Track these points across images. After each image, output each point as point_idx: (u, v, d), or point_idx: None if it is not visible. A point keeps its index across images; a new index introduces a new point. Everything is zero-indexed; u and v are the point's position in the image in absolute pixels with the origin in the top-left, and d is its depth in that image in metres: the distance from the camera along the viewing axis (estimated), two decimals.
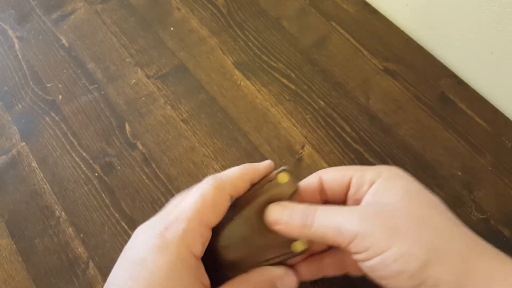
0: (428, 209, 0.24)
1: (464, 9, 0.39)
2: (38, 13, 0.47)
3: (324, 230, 0.24)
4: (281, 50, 0.44)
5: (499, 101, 0.41)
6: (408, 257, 0.22)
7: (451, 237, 0.22)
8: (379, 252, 0.22)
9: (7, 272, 0.33)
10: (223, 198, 0.25)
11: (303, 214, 0.25)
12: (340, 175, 0.27)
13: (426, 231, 0.22)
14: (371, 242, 0.22)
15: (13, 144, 0.39)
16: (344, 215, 0.24)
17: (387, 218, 0.23)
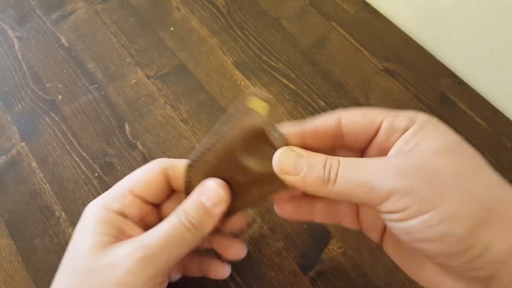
0: (476, 166, 0.20)
1: (464, 9, 0.39)
2: (38, 13, 0.47)
3: (351, 186, 0.20)
4: (281, 50, 0.44)
5: (499, 101, 0.41)
6: (458, 218, 0.19)
7: (501, 197, 0.19)
8: (422, 212, 0.19)
9: (7, 272, 0.33)
10: (154, 170, 0.27)
11: (325, 166, 0.21)
12: (368, 118, 0.22)
13: (476, 188, 0.19)
14: (412, 200, 0.19)
15: (13, 144, 0.39)
16: (376, 168, 0.20)
17: (431, 172, 0.19)
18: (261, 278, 0.32)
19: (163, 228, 0.24)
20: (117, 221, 0.25)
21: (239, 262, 0.32)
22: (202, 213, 0.24)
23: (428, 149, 0.20)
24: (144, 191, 0.26)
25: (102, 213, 0.25)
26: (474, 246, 0.18)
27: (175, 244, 0.23)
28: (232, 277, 0.32)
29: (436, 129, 0.21)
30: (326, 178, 0.21)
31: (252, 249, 0.33)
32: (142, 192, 0.26)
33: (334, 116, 0.23)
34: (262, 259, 0.33)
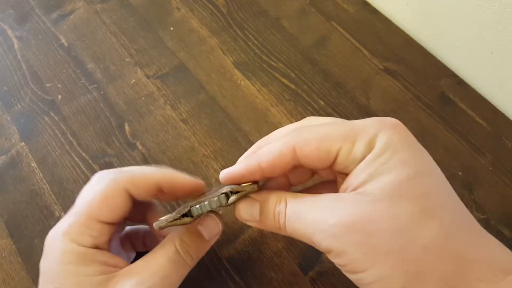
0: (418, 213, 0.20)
1: (464, 9, 0.39)
2: (37, 13, 0.47)
3: (297, 236, 0.22)
4: (281, 50, 0.44)
5: (499, 101, 0.41)
6: (388, 281, 0.19)
7: (440, 256, 0.19)
8: (355, 271, 0.20)
9: (6, 272, 0.32)
10: (116, 193, 0.24)
11: (275, 213, 0.22)
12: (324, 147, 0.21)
13: (410, 250, 0.19)
14: (345, 261, 0.20)
15: (13, 144, 0.38)
16: (317, 222, 0.21)
17: (364, 233, 0.20)
18: (261, 278, 0.32)
19: (162, 261, 0.24)
20: (94, 255, 0.23)
21: (239, 262, 0.32)
22: (200, 244, 0.25)
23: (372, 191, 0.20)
24: (110, 216, 0.24)
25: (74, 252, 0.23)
26: None
27: (174, 277, 0.24)
28: (232, 277, 0.32)
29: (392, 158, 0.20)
30: (277, 227, 0.22)
31: (252, 249, 0.33)
32: (109, 218, 0.24)
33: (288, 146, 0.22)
34: (262, 259, 0.32)
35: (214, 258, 0.32)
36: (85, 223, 0.24)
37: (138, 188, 0.25)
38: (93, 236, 0.24)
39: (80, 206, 0.24)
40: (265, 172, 0.23)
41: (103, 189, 0.24)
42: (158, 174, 0.25)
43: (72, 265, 0.23)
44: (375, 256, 0.20)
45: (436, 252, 0.19)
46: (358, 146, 0.21)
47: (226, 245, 0.33)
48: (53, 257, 0.23)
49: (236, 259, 0.33)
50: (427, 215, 0.20)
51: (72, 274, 0.23)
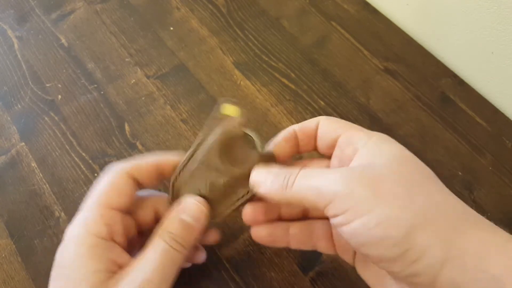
0: (420, 176, 0.22)
1: (464, 9, 0.39)
2: (37, 13, 0.47)
3: (303, 190, 0.22)
4: (281, 50, 0.44)
5: (499, 101, 0.40)
6: (394, 221, 0.20)
7: (443, 205, 0.20)
8: (360, 214, 0.20)
9: (6, 272, 0.32)
10: (121, 180, 0.26)
11: (286, 175, 0.23)
12: (333, 128, 0.25)
13: (416, 196, 0.20)
14: (352, 203, 0.20)
15: (13, 144, 0.38)
16: (325, 175, 0.22)
17: (372, 179, 0.21)
18: (261, 278, 0.32)
19: (154, 256, 0.24)
20: (107, 250, 0.24)
21: (239, 262, 0.32)
22: (186, 231, 0.25)
23: (378, 161, 0.22)
24: (120, 202, 0.26)
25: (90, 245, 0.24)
26: (410, 249, 0.19)
27: (169, 268, 0.24)
28: (232, 277, 0.32)
29: (390, 144, 0.23)
30: (285, 184, 0.23)
31: (252, 249, 0.33)
32: (119, 204, 0.26)
33: (315, 120, 0.26)
34: (262, 259, 0.32)
35: (214, 258, 0.32)
36: (98, 211, 0.25)
37: (140, 171, 0.27)
38: (107, 224, 0.25)
39: (91, 197, 0.26)
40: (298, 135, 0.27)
41: (110, 177, 0.26)
42: (156, 157, 0.28)
43: (85, 258, 0.24)
44: (383, 196, 0.20)
45: (439, 202, 0.20)
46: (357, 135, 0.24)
47: (226, 245, 0.33)
48: (69, 251, 0.24)
49: (236, 259, 0.33)
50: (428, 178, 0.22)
51: (83, 268, 0.23)
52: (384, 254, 0.20)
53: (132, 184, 0.27)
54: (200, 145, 0.27)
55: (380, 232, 0.20)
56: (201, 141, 0.27)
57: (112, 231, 0.25)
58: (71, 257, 0.24)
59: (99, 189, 0.26)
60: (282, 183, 0.23)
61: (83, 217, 0.25)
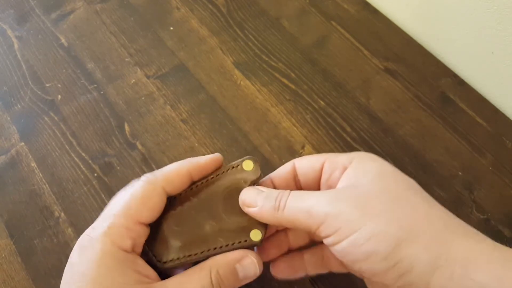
0: (403, 189, 0.23)
1: (465, 9, 0.39)
2: (37, 12, 0.47)
3: (295, 213, 0.23)
4: (281, 50, 0.44)
5: (499, 101, 0.40)
6: (382, 236, 0.21)
7: (428, 216, 0.21)
8: (350, 233, 0.21)
9: (6, 272, 0.32)
10: (154, 193, 0.25)
11: (277, 197, 0.24)
12: (314, 160, 0.26)
13: (401, 209, 0.21)
14: (341, 223, 0.21)
15: (12, 144, 0.38)
16: (315, 197, 0.23)
17: (359, 198, 0.22)
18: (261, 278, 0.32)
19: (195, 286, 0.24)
20: (132, 263, 0.24)
21: None
22: (232, 281, 0.25)
23: (362, 180, 0.23)
24: (149, 216, 0.25)
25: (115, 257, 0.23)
26: (399, 262, 0.20)
27: None
28: None
29: (372, 162, 0.24)
30: (276, 207, 0.24)
31: None
32: (148, 219, 0.25)
33: (290, 163, 0.27)
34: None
35: None
36: (125, 224, 0.24)
37: (173, 184, 0.26)
38: (132, 238, 0.24)
39: (118, 208, 0.25)
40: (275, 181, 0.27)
41: (141, 191, 0.25)
42: (185, 164, 0.27)
43: (110, 270, 0.23)
44: (370, 213, 0.21)
45: (424, 213, 0.22)
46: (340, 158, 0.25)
47: None
48: (91, 258, 0.23)
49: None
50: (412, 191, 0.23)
51: (109, 279, 0.22)
52: (375, 269, 0.21)
53: (164, 200, 0.26)
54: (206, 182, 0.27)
55: (369, 248, 0.21)
56: (208, 179, 0.27)
57: (135, 244, 0.24)
58: (94, 266, 0.23)
59: (130, 200, 0.25)
60: (274, 204, 0.24)
61: (108, 225, 0.24)
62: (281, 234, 0.29)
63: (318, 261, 0.28)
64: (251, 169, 0.27)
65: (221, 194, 0.27)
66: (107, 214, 0.25)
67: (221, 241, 0.26)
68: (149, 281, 0.23)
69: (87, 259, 0.23)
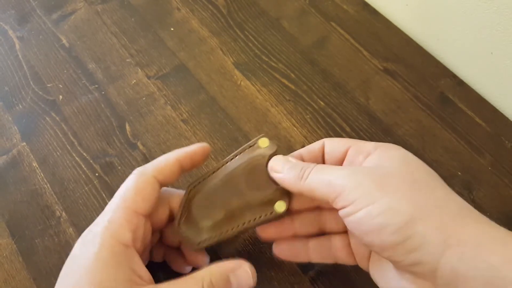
0: (424, 174, 0.23)
1: (464, 9, 0.39)
2: (38, 13, 0.47)
3: (316, 183, 0.24)
4: (281, 50, 0.44)
5: (499, 101, 0.41)
6: (395, 211, 0.21)
7: (444, 200, 0.22)
8: (366, 205, 0.22)
9: (7, 272, 0.33)
10: (147, 183, 0.26)
11: (302, 168, 0.25)
12: (341, 143, 0.27)
13: (418, 190, 0.22)
14: (358, 194, 0.22)
15: (14, 144, 0.39)
16: (337, 171, 0.24)
17: (379, 175, 0.23)
18: (261, 278, 0.32)
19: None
20: (129, 259, 0.24)
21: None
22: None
23: (385, 163, 0.24)
24: (145, 207, 0.26)
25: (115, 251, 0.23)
26: (410, 237, 0.21)
27: None
28: None
29: (396, 150, 0.25)
30: (300, 176, 0.25)
31: (252, 249, 0.33)
32: (145, 209, 0.26)
33: (320, 142, 0.28)
34: (262, 259, 0.33)
35: (214, 258, 0.32)
36: (124, 216, 0.25)
37: (163, 173, 0.27)
38: (132, 230, 0.25)
39: (115, 202, 0.26)
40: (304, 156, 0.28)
41: (134, 183, 0.26)
42: (174, 154, 0.28)
43: (106, 264, 0.23)
44: (387, 189, 0.22)
45: (440, 196, 0.22)
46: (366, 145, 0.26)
47: (226, 245, 0.33)
48: (90, 251, 0.23)
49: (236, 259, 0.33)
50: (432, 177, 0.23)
51: (104, 273, 0.23)
52: (385, 241, 0.22)
53: (157, 188, 0.27)
54: (224, 165, 0.29)
55: (382, 220, 0.21)
56: (226, 161, 0.29)
57: (135, 238, 0.25)
58: (92, 259, 0.23)
59: (125, 192, 0.26)
60: (298, 173, 0.25)
61: (108, 219, 0.25)
62: (286, 219, 0.29)
63: (325, 251, 0.28)
64: (267, 145, 0.28)
65: (242, 171, 0.28)
66: (107, 210, 0.26)
67: (248, 215, 0.27)
68: (141, 283, 0.24)
69: (87, 252, 0.24)
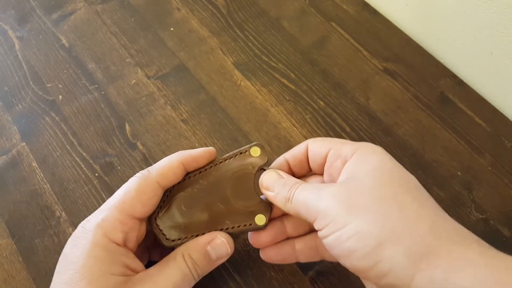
0: (396, 187, 0.23)
1: (464, 9, 0.39)
2: (38, 13, 0.47)
3: (298, 205, 0.24)
4: (281, 50, 0.44)
5: (498, 101, 0.41)
6: (363, 235, 0.21)
7: (414, 218, 0.21)
8: (337, 229, 0.22)
9: (7, 272, 0.33)
10: (149, 189, 0.26)
11: (290, 188, 0.25)
12: (322, 146, 0.27)
13: (387, 210, 0.22)
14: (330, 219, 0.22)
15: (13, 144, 0.39)
16: (312, 192, 0.24)
17: (350, 194, 0.23)
18: (261, 278, 0.32)
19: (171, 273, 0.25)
20: (121, 255, 0.24)
21: (239, 262, 0.32)
22: (206, 263, 0.26)
23: (359, 174, 0.24)
24: (143, 211, 0.26)
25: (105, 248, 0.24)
26: (380, 262, 0.21)
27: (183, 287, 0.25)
28: (232, 277, 0.32)
29: (374, 155, 0.24)
30: (287, 197, 0.25)
31: (252, 249, 0.33)
32: (141, 214, 0.26)
33: (304, 144, 0.28)
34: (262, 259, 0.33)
35: None
36: (119, 217, 0.25)
37: (167, 178, 0.27)
38: (124, 231, 0.25)
39: (113, 202, 0.25)
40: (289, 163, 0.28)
41: (135, 186, 0.26)
42: (178, 157, 0.28)
43: (98, 260, 0.23)
44: (356, 212, 0.22)
45: (410, 214, 0.21)
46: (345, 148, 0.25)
47: None
48: (82, 248, 0.24)
49: (236, 259, 0.33)
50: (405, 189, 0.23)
51: (97, 269, 0.23)
52: (356, 266, 0.22)
53: (159, 194, 0.27)
54: (213, 166, 0.29)
55: (350, 245, 0.21)
56: (215, 163, 0.29)
57: (127, 238, 0.25)
58: (84, 255, 0.23)
59: (125, 194, 0.26)
60: (285, 195, 0.25)
61: (102, 217, 0.25)
62: (277, 224, 0.29)
63: (312, 250, 0.29)
64: (259, 155, 0.28)
65: (230, 178, 0.28)
66: (102, 208, 0.26)
67: (228, 223, 0.28)
68: (133, 274, 0.24)
69: (78, 249, 0.24)
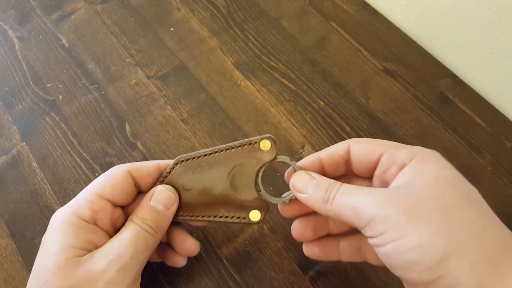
0: (460, 199, 0.21)
1: (464, 9, 0.39)
2: (38, 13, 0.47)
3: (342, 208, 0.23)
4: (281, 50, 0.44)
5: (498, 101, 0.41)
6: (427, 247, 0.19)
7: (481, 233, 0.20)
8: (395, 238, 0.20)
9: (7, 272, 0.33)
10: (119, 174, 0.27)
11: (327, 189, 0.23)
12: (371, 149, 0.25)
13: (452, 222, 0.20)
14: (387, 227, 0.20)
15: (13, 144, 0.39)
16: (364, 195, 0.22)
17: (410, 203, 0.21)
18: (261, 278, 0.32)
19: (128, 236, 0.25)
20: (87, 231, 0.25)
21: (239, 261, 0.32)
22: (156, 216, 0.26)
23: (418, 182, 0.22)
24: (113, 193, 0.27)
25: (72, 223, 0.25)
26: (443, 276, 0.19)
27: (142, 249, 0.25)
28: (232, 277, 0.32)
29: (434, 163, 0.22)
30: (325, 199, 0.23)
31: (252, 249, 0.33)
32: (111, 195, 0.27)
33: (345, 144, 0.26)
34: (262, 259, 0.33)
35: (214, 258, 0.33)
36: (88, 197, 0.26)
37: (140, 170, 0.28)
38: (93, 209, 0.26)
39: (87, 187, 0.27)
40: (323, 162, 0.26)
41: (108, 172, 0.28)
42: (157, 160, 0.29)
43: (62, 234, 0.25)
44: (418, 221, 0.20)
45: (478, 230, 0.20)
46: (400, 153, 0.23)
47: (226, 245, 0.33)
48: (51, 225, 0.26)
49: (236, 259, 0.33)
50: (469, 201, 0.21)
51: (59, 241, 0.25)
52: (415, 278, 0.20)
53: (129, 182, 0.28)
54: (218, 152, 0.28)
55: (412, 257, 0.20)
56: (221, 149, 0.28)
57: (96, 217, 0.26)
58: (52, 233, 0.25)
59: (96, 180, 0.28)
60: (323, 196, 0.24)
61: (73, 200, 0.27)
62: (321, 219, 0.28)
63: (355, 251, 0.28)
64: (268, 149, 0.27)
65: (232, 169, 0.28)
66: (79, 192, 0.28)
67: (222, 211, 0.27)
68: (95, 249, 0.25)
69: (52, 227, 0.26)
